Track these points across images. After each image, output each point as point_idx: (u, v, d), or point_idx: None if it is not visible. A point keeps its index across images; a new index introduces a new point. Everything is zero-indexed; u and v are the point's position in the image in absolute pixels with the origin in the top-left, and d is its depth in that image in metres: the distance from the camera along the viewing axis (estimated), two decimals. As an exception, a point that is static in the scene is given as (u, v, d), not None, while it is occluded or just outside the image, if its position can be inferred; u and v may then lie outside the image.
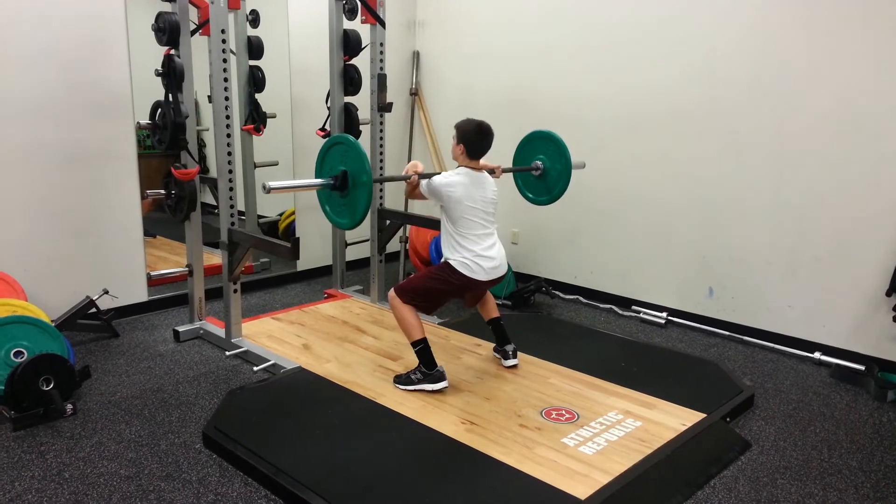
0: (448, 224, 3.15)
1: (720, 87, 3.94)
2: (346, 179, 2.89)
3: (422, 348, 3.13)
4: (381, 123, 4.32)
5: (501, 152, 3.53)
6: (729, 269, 4.08)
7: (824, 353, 3.71)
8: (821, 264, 3.72)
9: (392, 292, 3.19)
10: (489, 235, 3.18)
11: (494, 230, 3.23)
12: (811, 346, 3.78)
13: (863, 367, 3.53)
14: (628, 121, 4.37)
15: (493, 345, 3.57)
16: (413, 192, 3.26)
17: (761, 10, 3.74)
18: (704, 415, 2.96)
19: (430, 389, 3.12)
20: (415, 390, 3.13)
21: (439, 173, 3.17)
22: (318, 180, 2.95)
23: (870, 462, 2.76)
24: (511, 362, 3.41)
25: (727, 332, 4.10)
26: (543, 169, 3.66)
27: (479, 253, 3.11)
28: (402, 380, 3.19)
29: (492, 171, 3.29)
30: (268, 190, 2.79)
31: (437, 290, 3.17)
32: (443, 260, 3.19)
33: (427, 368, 3.13)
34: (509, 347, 3.43)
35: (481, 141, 3.13)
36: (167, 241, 5.01)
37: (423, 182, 3.16)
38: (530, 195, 3.80)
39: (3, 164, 3.61)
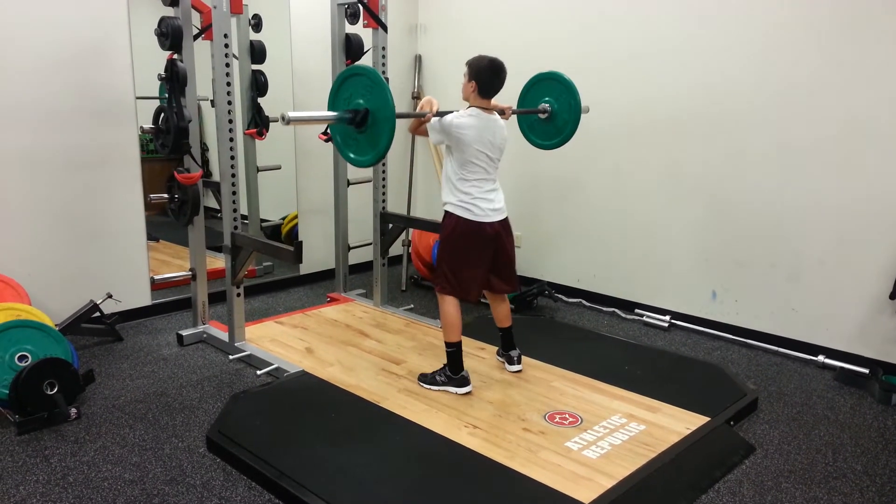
0: (451, 165, 3.08)
1: (723, 91, 3.94)
2: (365, 115, 2.73)
3: (454, 351, 3.14)
4: (384, 127, 4.32)
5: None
6: (732, 272, 4.07)
7: (828, 357, 3.71)
8: (824, 267, 3.72)
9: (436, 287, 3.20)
10: (490, 181, 3.12)
11: (496, 178, 3.16)
12: (815, 350, 3.77)
13: (867, 371, 3.52)
14: (631, 125, 4.37)
15: (496, 348, 3.57)
16: (419, 127, 3.13)
17: (763, 16, 3.74)
18: (708, 418, 2.95)
19: (455, 392, 3.14)
20: (439, 391, 3.16)
21: (453, 112, 3.06)
22: (336, 113, 2.79)
23: (875, 466, 2.75)
24: (515, 368, 3.41)
25: (731, 336, 4.09)
26: (551, 111, 3.58)
27: (476, 195, 3.06)
28: (427, 379, 3.22)
29: (501, 112, 3.21)
30: (287, 120, 2.66)
31: (453, 252, 3.10)
32: (444, 209, 3.13)
33: (452, 372, 3.15)
34: (514, 353, 3.42)
35: (494, 78, 3.03)
36: (170, 245, 5.02)
37: (434, 119, 3.03)
38: (537, 140, 3.70)
39: (7, 169, 3.62)
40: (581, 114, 3.54)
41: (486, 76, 3.02)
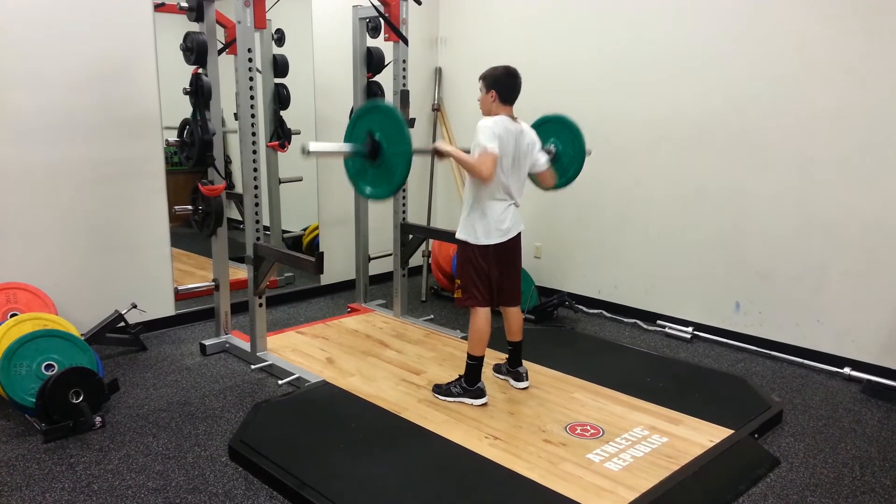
0: (472, 188, 3.03)
1: (744, 99, 3.92)
2: (378, 148, 2.80)
3: (475, 364, 3.13)
4: (404, 139, 4.35)
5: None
6: (756, 284, 4.02)
7: (854, 369, 3.64)
8: (850, 278, 3.66)
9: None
10: (509, 199, 3.08)
11: (520, 192, 3.13)
12: (841, 362, 3.71)
13: (894, 383, 3.45)
14: (652, 135, 4.35)
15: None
16: (468, 162, 2.95)
17: (785, 30, 3.72)
18: (732, 431, 2.92)
19: (470, 404, 3.12)
20: (453, 402, 3.15)
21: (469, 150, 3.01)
22: (355, 145, 2.85)
23: (904, 480, 2.70)
24: (523, 385, 3.35)
25: (754, 347, 4.04)
26: (556, 152, 3.58)
27: (490, 216, 3.03)
28: (442, 391, 3.21)
29: None
30: (307, 152, 2.73)
31: (471, 268, 3.09)
32: (457, 238, 3.14)
33: (469, 384, 3.14)
34: (522, 369, 3.38)
35: (512, 83, 3.04)
36: (193, 256, 5.08)
37: (479, 141, 2.92)
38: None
39: (35, 181, 3.70)
40: (585, 156, 3.55)
41: (503, 83, 3.03)
